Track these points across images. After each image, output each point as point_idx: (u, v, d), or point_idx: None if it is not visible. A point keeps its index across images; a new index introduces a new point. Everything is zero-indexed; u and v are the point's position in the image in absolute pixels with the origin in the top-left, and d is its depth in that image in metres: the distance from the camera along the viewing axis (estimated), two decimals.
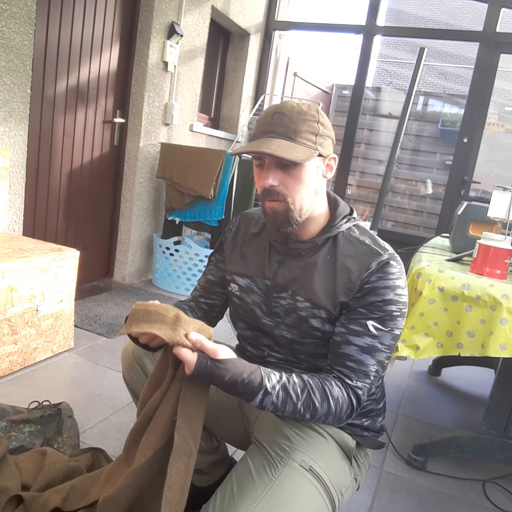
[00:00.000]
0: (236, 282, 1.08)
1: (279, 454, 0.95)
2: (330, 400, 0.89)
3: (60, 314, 2.10)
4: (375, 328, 0.92)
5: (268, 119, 0.92)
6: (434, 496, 1.56)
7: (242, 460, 0.98)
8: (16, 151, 2.35)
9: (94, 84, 2.83)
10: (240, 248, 1.11)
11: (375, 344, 0.92)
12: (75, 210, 2.94)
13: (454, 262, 1.65)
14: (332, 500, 0.93)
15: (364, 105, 4.41)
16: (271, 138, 0.90)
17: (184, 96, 3.41)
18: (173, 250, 3.20)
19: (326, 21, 4.29)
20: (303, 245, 1.00)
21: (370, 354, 0.92)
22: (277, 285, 1.02)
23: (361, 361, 0.92)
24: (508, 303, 1.31)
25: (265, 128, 0.92)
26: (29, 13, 2.23)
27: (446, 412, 2.16)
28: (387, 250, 0.97)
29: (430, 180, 5.33)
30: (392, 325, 0.93)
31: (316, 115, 0.93)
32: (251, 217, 1.14)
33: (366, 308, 0.93)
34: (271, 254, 1.05)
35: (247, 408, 1.13)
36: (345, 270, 0.96)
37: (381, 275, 0.93)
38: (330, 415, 0.90)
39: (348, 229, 1.01)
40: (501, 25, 3.52)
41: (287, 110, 0.91)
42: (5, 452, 1.28)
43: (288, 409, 0.87)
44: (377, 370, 0.94)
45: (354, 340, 0.93)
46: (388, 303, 0.93)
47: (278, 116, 0.91)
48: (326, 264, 0.98)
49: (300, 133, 0.90)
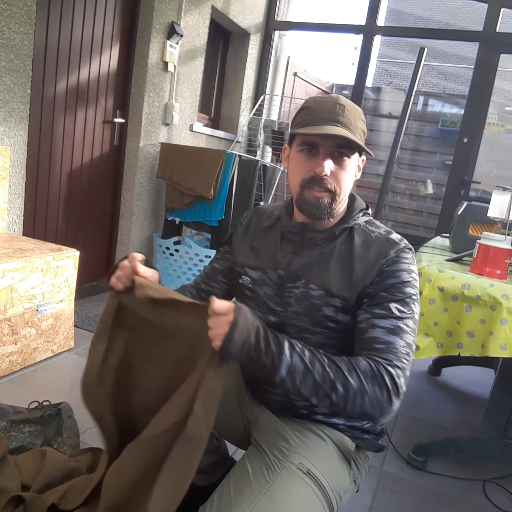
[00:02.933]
0: (248, 274, 1.08)
1: (277, 456, 0.94)
2: (357, 371, 0.82)
3: (60, 314, 2.10)
4: (398, 310, 0.90)
5: (330, 108, 0.93)
6: (434, 496, 1.56)
7: (240, 462, 0.98)
8: (16, 151, 2.35)
9: (94, 84, 2.83)
10: (251, 241, 1.10)
11: (401, 325, 0.89)
12: (75, 210, 2.94)
13: (454, 262, 1.65)
14: (330, 503, 0.92)
15: (364, 105, 4.41)
16: (336, 126, 0.91)
17: (184, 96, 3.41)
18: (173, 250, 3.20)
19: (326, 21, 4.29)
20: (320, 235, 1.00)
21: (398, 335, 0.88)
22: (291, 274, 1.01)
23: (389, 342, 0.87)
24: (508, 303, 1.31)
25: (327, 116, 0.92)
26: (29, 13, 2.23)
27: (446, 412, 2.16)
28: (403, 240, 0.99)
29: (430, 180, 5.33)
30: (413, 308, 0.92)
31: (363, 116, 0.98)
32: (264, 212, 1.14)
33: (386, 291, 0.92)
34: (283, 244, 1.05)
35: (246, 408, 1.13)
36: (363, 258, 0.96)
37: (396, 259, 0.94)
38: (366, 395, 0.81)
39: (364, 222, 1.02)
40: (501, 25, 3.52)
41: (346, 103, 0.94)
42: (5, 452, 1.29)
43: (317, 370, 0.80)
44: (408, 353, 0.87)
45: (379, 323, 0.89)
46: (406, 285, 0.92)
47: (340, 107, 0.93)
48: (342, 253, 0.98)
49: (357, 128, 0.94)
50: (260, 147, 4.23)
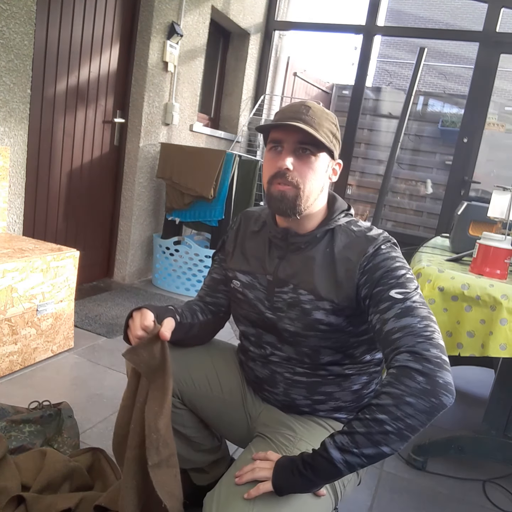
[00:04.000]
0: (238, 278, 1.09)
1: (284, 443, 0.96)
2: (382, 390, 0.78)
3: (60, 314, 2.10)
4: (399, 293, 0.88)
5: (295, 108, 0.97)
6: (434, 496, 1.56)
7: (246, 449, 0.99)
8: (16, 151, 2.35)
9: (94, 84, 2.83)
10: (241, 246, 1.12)
11: (408, 304, 0.86)
12: (75, 210, 2.94)
13: (454, 262, 1.65)
14: (335, 491, 0.93)
15: (364, 105, 4.41)
16: (298, 123, 0.93)
17: (184, 96, 3.41)
18: (173, 250, 3.20)
19: (326, 21, 4.28)
20: (302, 239, 1.01)
21: (408, 315, 0.85)
22: (279, 280, 1.02)
23: (403, 327, 0.84)
24: (508, 303, 1.31)
25: (291, 115, 0.96)
26: (29, 13, 2.23)
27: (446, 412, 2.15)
28: (382, 234, 0.99)
29: (430, 180, 5.33)
30: (412, 286, 0.90)
31: (335, 120, 1.00)
32: (251, 215, 1.16)
33: (380, 284, 0.91)
34: (271, 250, 1.06)
35: (249, 405, 1.13)
36: (344, 259, 0.97)
37: (375, 253, 0.95)
38: (404, 396, 0.76)
39: (345, 223, 1.03)
40: (501, 25, 3.52)
41: (312, 105, 0.97)
42: (5, 452, 1.28)
43: (355, 425, 0.78)
44: (427, 324, 0.83)
45: (388, 315, 0.87)
46: (395, 270, 0.92)
47: (304, 108, 0.96)
48: (326, 256, 0.99)
49: (322, 127, 0.96)
50: (260, 147, 4.23)
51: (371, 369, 1.06)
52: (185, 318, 1.09)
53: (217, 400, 1.13)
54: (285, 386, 1.05)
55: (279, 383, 1.05)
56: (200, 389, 1.12)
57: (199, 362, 1.14)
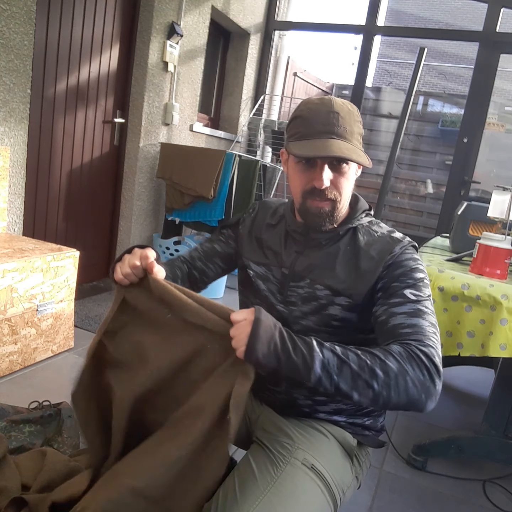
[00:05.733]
0: (252, 268, 1.09)
1: (281, 452, 0.95)
2: (393, 354, 0.78)
3: (60, 314, 2.10)
4: (413, 294, 0.90)
5: (323, 118, 0.90)
6: (434, 496, 1.56)
7: (244, 459, 0.98)
8: (16, 151, 2.35)
9: (94, 84, 2.83)
10: (256, 236, 1.11)
11: (420, 307, 0.87)
12: (75, 210, 2.94)
13: (454, 262, 1.65)
14: (334, 498, 0.93)
15: (364, 105, 4.41)
16: (331, 139, 0.89)
17: (184, 96, 3.41)
18: (173, 250, 3.20)
19: (326, 21, 4.28)
20: (324, 235, 1.01)
21: (420, 317, 0.86)
22: (295, 274, 1.02)
23: (413, 325, 0.84)
24: (508, 303, 1.31)
25: (321, 128, 0.90)
26: (29, 13, 2.23)
27: (446, 412, 2.16)
28: (406, 237, 1.00)
29: (430, 180, 5.33)
30: (427, 291, 0.92)
31: (359, 115, 0.95)
32: (269, 207, 1.14)
33: (397, 280, 0.92)
34: (287, 243, 1.05)
35: (248, 407, 1.13)
36: (368, 258, 0.96)
37: (400, 252, 0.96)
38: (407, 375, 0.76)
39: (367, 223, 1.03)
40: (501, 25, 3.52)
41: (340, 110, 0.91)
42: (5, 452, 1.28)
43: (352, 359, 0.76)
44: (435, 332, 0.85)
45: (398, 310, 0.87)
46: (415, 271, 0.93)
47: (333, 116, 0.90)
48: (347, 253, 0.99)
49: (353, 135, 0.92)
50: (260, 147, 4.23)
51: None
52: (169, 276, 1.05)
53: None
54: (288, 385, 1.04)
55: (282, 381, 1.05)
56: None
57: None
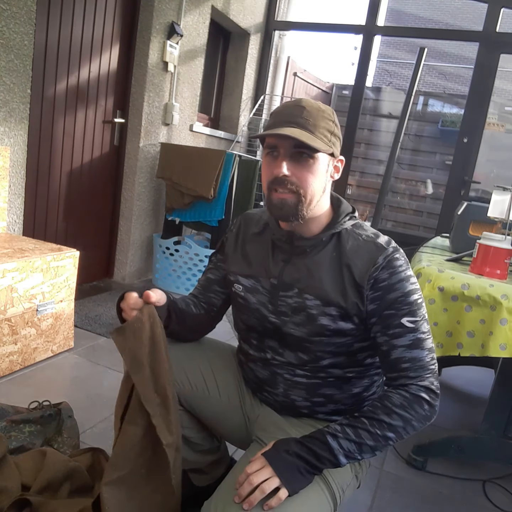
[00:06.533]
0: (241, 282, 1.08)
1: None
2: (395, 410, 0.90)
3: (60, 314, 2.10)
4: (411, 322, 0.93)
5: (288, 110, 0.94)
6: (434, 496, 1.56)
7: (243, 457, 0.99)
8: (16, 151, 2.35)
9: (94, 84, 2.83)
10: (241, 249, 1.10)
11: (418, 336, 0.94)
12: (75, 210, 2.94)
13: (454, 262, 1.65)
14: (334, 497, 0.93)
15: (364, 105, 4.41)
16: (292, 127, 0.91)
17: (184, 96, 3.41)
18: (173, 250, 3.20)
19: (326, 21, 4.28)
20: (307, 242, 1.00)
21: (418, 347, 0.93)
22: (284, 283, 1.01)
23: (413, 358, 0.93)
24: (508, 303, 1.31)
25: (285, 119, 0.93)
26: (29, 13, 2.23)
27: (446, 412, 2.16)
28: (390, 243, 0.99)
29: (430, 180, 5.33)
30: (422, 312, 0.96)
31: (332, 115, 0.97)
32: (252, 217, 1.14)
33: (392, 308, 0.94)
34: (274, 253, 1.05)
35: (248, 407, 1.13)
36: (352, 265, 0.96)
37: (391, 271, 0.94)
38: (413, 421, 0.90)
39: (351, 226, 1.01)
40: (501, 25, 3.52)
41: (307, 105, 0.94)
42: (5, 452, 1.28)
43: (366, 437, 0.89)
44: (432, 357, 0.95)
45: (398, 342, 0.94)
46: (409, 294, 0.94)
47: (298, 109, 0.93)
48: (333, 261, 0.98)
49: (318, 128, 0.93)
50: (260, 147, 4.23)
51: (372, 371, 1.06)
52: (179, 304, 1.09)
53: (215, 401, 1.12)
54: (285, 387, 1.04)
55: (279, 384, 1.05)
56: (197, 391, 1.12)
57: (195, 363, 1.14)
